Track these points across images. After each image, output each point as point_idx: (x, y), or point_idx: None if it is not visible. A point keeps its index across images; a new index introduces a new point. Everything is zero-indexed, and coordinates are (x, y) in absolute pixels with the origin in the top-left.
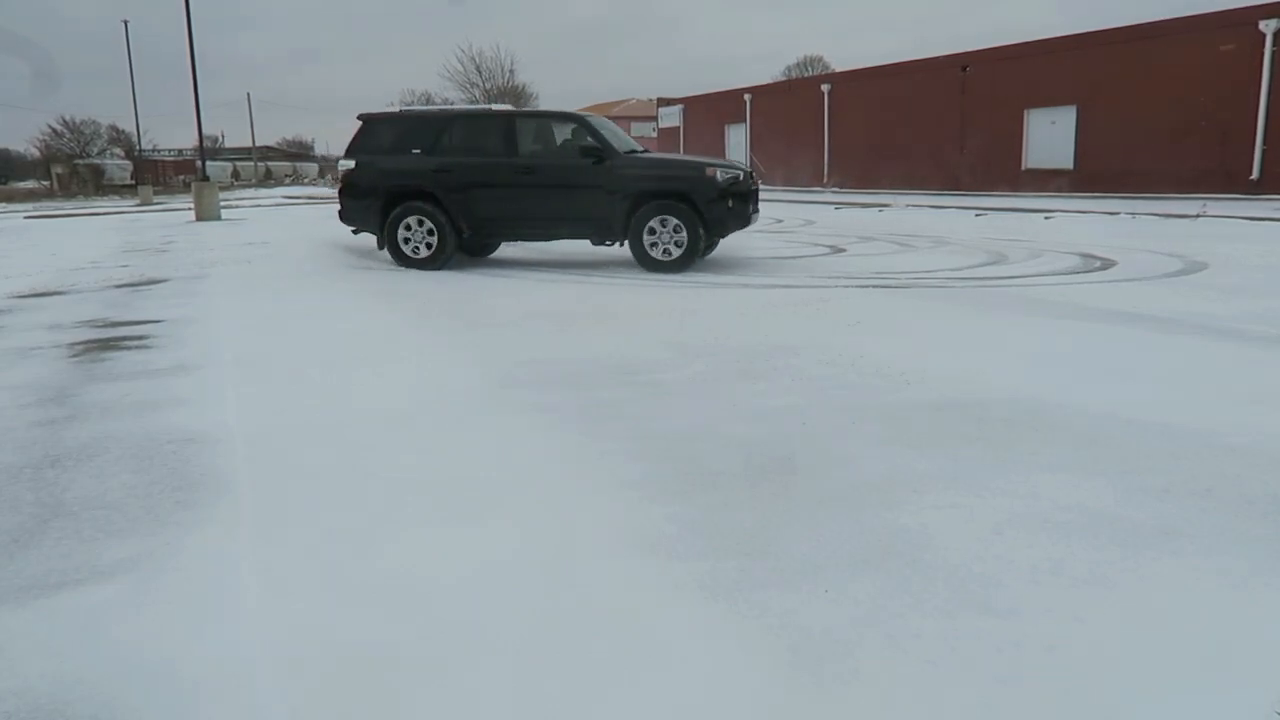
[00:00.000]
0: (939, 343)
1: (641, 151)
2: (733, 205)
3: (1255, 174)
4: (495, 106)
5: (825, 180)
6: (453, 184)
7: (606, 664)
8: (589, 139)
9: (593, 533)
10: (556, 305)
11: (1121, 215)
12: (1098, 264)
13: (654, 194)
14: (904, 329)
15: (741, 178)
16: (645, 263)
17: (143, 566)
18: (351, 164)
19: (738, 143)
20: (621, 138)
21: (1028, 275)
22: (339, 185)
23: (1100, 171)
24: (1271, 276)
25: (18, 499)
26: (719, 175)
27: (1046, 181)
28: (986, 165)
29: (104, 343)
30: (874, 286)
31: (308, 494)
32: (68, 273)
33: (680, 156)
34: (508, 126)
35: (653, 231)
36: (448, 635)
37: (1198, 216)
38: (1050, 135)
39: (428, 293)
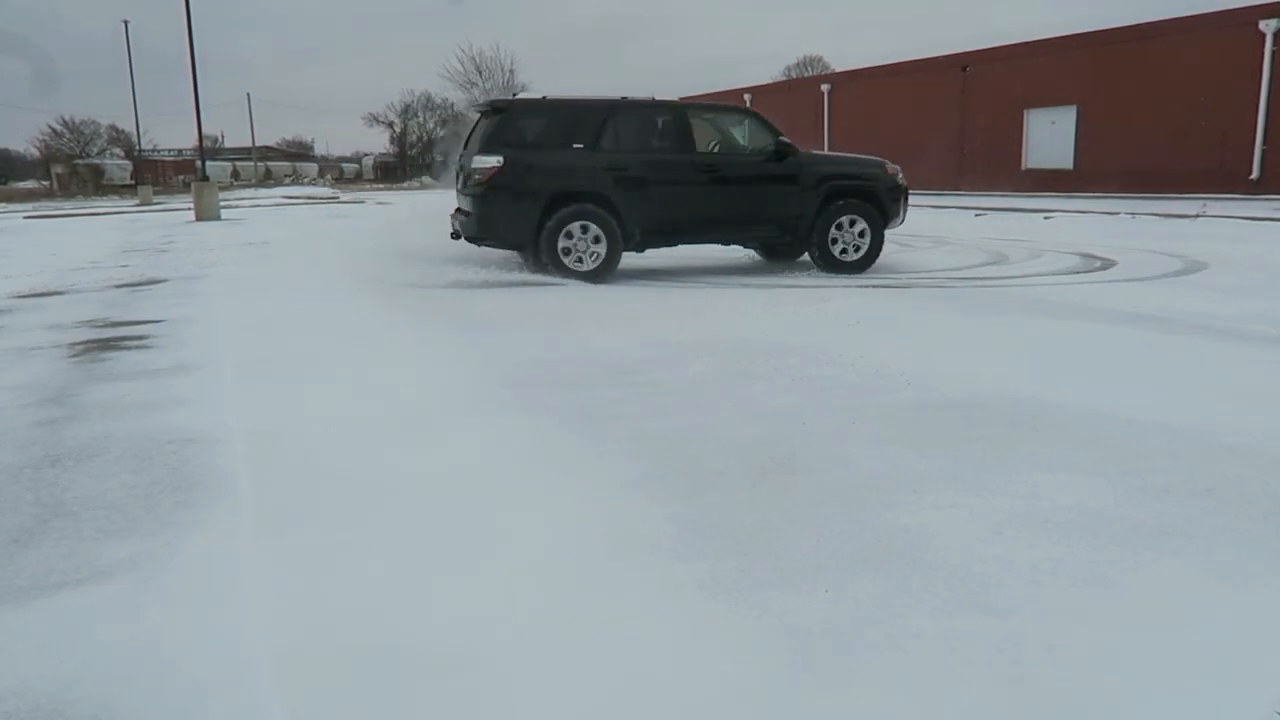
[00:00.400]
0: (939, 343)
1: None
2: (903, 203)
3: (1255, 174)
4: (657, 97)
5: None
6: (629, 184)
7: (606, 663)
8: (775, 135)
9: (592, 533)
10: (554, 306)
11: (1121, 215)
12: (1098, 264)
13: (844, 192)
14: (904, 329)
15: (901, 174)
16: (829, 264)
17: (143, 566)
18: (498, 160)
19: None
20: None
21: (1028, 275)
22: (480, 187)
23: (1100, 171)
24: (1271, 276)
25: (18, 499)
26: (897, 173)
27: (1046, 181)
28: (986, 165)
29: (104, 343)
30: (874, 286)
31: (307, 494)
32: (68, 272)
33: (851, 154)
34: (680, 120)
35: (837, 230)
36: (447, 635)
37: (1197, 216)
38: (1050, 135)
39: (426, 293)
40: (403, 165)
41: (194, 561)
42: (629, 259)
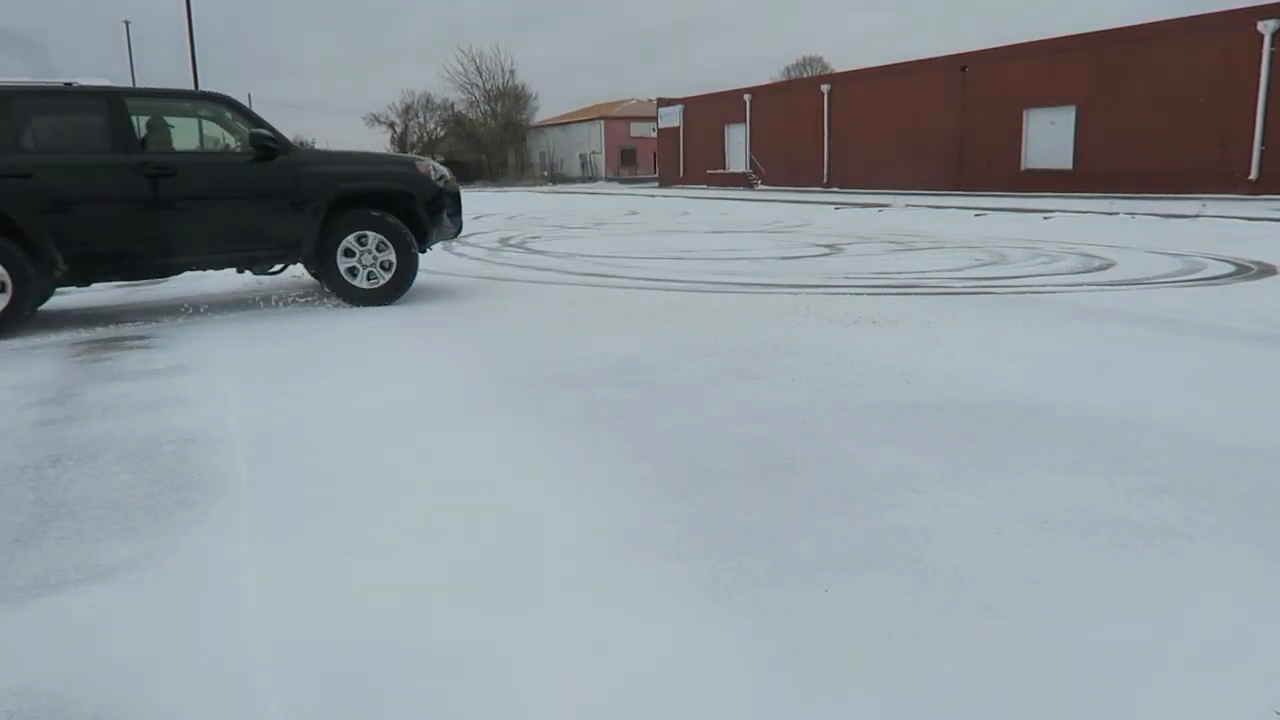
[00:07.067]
0: (939, 343)
1: None
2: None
3: (1254, 174)
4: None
5: (824, 180)
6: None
7: (605, 663)
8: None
9: (593, 533)
10: (555, 307)
11: (1121, 215)
12: (1097, 264)
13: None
14: (903, 329)
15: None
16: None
17: (143, 566)
18: None
19: (738, 143)
20: None
21: (1027, 275)
22: None
23: (1100, 171)
24: (1270, 277)
25: (19, 498)
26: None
27: (1046, 181)
28: (986, 165)
29: (105, 342)
30: (873, 287)
31: (308, 494)
32: None
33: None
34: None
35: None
36: (447, 636)
37: (1196, 216)
38: (1050, 135)
39: (427, 291)
40: None
41: (195, 561)
42: None
